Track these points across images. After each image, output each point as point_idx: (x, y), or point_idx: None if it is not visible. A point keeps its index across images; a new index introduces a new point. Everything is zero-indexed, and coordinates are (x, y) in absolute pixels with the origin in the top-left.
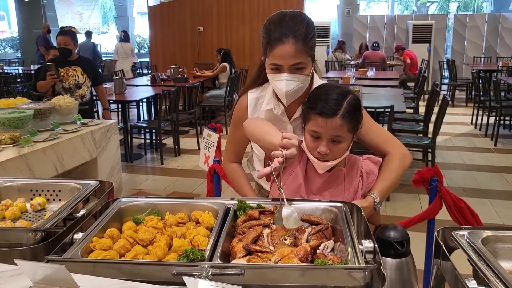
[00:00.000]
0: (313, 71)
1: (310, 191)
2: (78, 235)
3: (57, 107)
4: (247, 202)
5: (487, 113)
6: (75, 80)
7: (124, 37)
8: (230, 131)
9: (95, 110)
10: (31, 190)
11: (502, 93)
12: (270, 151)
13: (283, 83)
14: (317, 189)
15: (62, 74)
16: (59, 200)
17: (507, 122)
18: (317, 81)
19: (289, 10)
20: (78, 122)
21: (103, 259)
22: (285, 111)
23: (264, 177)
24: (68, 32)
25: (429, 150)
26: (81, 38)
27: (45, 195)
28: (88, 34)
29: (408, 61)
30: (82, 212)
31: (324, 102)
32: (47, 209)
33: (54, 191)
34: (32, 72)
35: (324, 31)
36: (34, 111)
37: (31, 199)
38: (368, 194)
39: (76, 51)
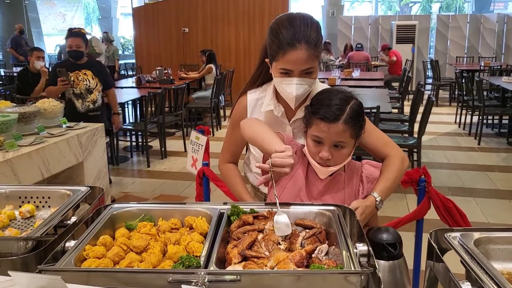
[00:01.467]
0: None
1: (311, 195)
2: (70, 243)
3: (42, 111)
4: (241, 207)
5: (470, 113)
6: (86, 85)
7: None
8: (228, 131)
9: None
10: (20, 197)
11: (485, 93)
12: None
13: (293, 88)
14: (318, 193)
15: (72, 79)
16: (49, 207)
17: (490, 121)
18: (317, 83)
19: (297, 13)
20: (64, 126)
21: (97, 267)
22: (285, 113)
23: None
24: (79, 34)
25: (415, 150)
26: (63, 40)
27: (34, 202)
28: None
29: (394, 58)
30: (73, 219)
31: (327, 107)
32: (36, 216)
33: (43, 197)
34: (15, 74)
35: None
36: (19, 114)
37: (20, 206)
38: (369, 193)
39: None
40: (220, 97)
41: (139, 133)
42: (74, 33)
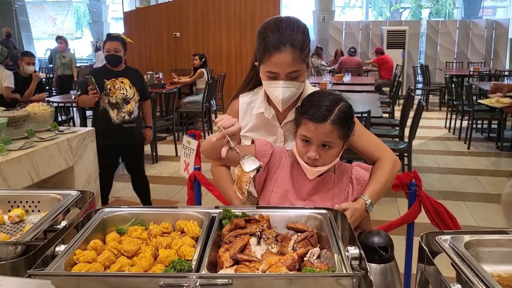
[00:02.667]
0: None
1: (300, 196)
2: (60, 248)
3: (32, 115)
4: (232, 210)
5: (460, 117)
6: (123, 94)
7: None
8: None
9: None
10: (9, 202)
11: (474, 98)
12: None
13: (280, 90)
14: (307, 194)
15: (108, 87)
16: (39, 211)
17: (479, 126)
18: (308, 86)
19: (284, 16)
20: (54, 130)
21: (87, 272)
22: (276, 115)
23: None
24: (118, 38)
25: (406, 154)
26: (53, 44)
27: (24, 206)
28: (59, 38)
29: (372, 63)
30: (63, 223)
31: (316, 108)
32: (26, 221)
33: (33, 202)
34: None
35: None
36: (8, 119)
37: (9, 210)
38: (359, 196)
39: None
40: (211, 102)
41: None
42: (113, 37)
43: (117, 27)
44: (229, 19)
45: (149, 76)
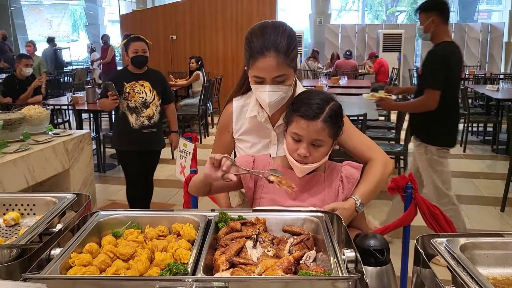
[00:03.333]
0: (296, 79)
1: (290, 196)
2: (56, 251)
3: (28, 117)
4: (229, 213)
5: None
6: (142, 97)
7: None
8: (216, 138)
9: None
10: (4, 205)
11: (470, 101)
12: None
13: (266, 95)
14: (296, 193)
15: (127, 90)
16: (34, 214)
17: (475, 129)
18: (300, 89)
19: (271, 21)
20: (50, 133)
21: (83, 275)
22: (268, 118)
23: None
24: (143, 39)
25: (402, 157)
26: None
27: (19, 209)
28: (50, 40)
29: (372, 71)
30: (59, 226)
31: (307, 106)
32: (21, 224)
33: (28, 205)
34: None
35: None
36: (4, 121)
37: (4, 213)
38: (350, 196)
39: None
40: (208, 104)
41: None
42: (138, 38)
43: (114, 30)
44: (226, 22)
45: None
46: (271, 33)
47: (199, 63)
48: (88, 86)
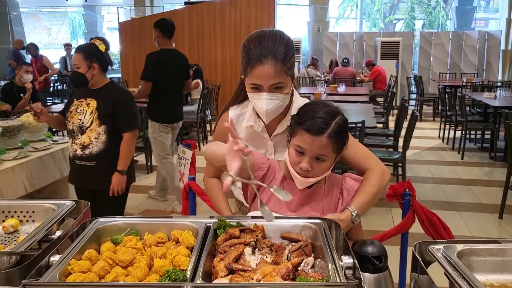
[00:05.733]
0: (293, 87)
1: (290, 208)
2: (55, 258)
3: (27, 125)
4: (227, 220)
5: (453, 128)
6: (80, 120)
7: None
8: None
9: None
10: (3, 212)
11: (467, 108)
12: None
13: (263, 102)
14: (296, 205)
15: (72, 108)
16: (33, 221)
17: (472, 136)
18: (297, 98)
19: (268, 29)
20: (48, 140)
21: (82, 282)
22: (265, 128)
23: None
24: (81, 48)
25: (400, 164)
26: (47, 53)
27: (18, 216)
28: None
29: (368, 79)
30: (58, 233)
31: (313, 120)
32: (20, 231)
33: (27, 212)
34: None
35: (295, 48)
36: (2, 128)
37: (3, 220)
38: (346, 207)
39: (91, 75)
40: (206, 112)
41: None
42: (76, 48)
43: (112, 38)
44: (224, 30)
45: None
46: (269, 40)
47: (194, 69)
48: None
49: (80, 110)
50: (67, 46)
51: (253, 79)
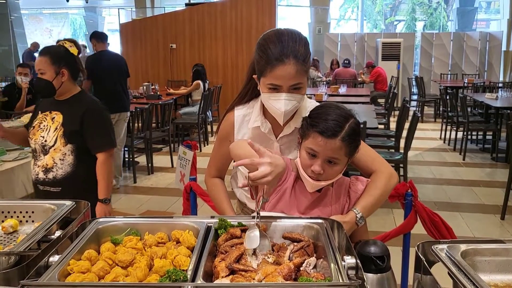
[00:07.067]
0: None
1: (299, 210)
2: (54, 258)
3: None
4: (228, 220)
5: (455, 128)
6: (42, 138)
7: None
8: (215, 146)
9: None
10: (3, 212)
11: (469, 109)
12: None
13: (282, 103)
14: (305, 208)
15: (35, 123)
16: (33, 221)
17: (474, 137)
18: (305, 100)
19: (284, 28)
20: None
21: (81, 282)
22: (272, 129)
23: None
24: (47, 51)
25: (401, 165)
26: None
27: (18, 216)
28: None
29: (368, 80)
30: (57, 233)
31: (326, 122)
32: (19, 231)
33: (27, 212)
34: (1, 88)
35: None
36: None
37: (3, 221)
38: (351, 209)
39: (59, 82)
40: (207, 113)
41: (126, 148)
42: (40, 51)
43: (113, 39)
44: (225, 31)
45: (145, 87)
46: (289, 40)
47: (193, 70)
48: None
49: (44, 125)
50: None
51: (272, 79)
